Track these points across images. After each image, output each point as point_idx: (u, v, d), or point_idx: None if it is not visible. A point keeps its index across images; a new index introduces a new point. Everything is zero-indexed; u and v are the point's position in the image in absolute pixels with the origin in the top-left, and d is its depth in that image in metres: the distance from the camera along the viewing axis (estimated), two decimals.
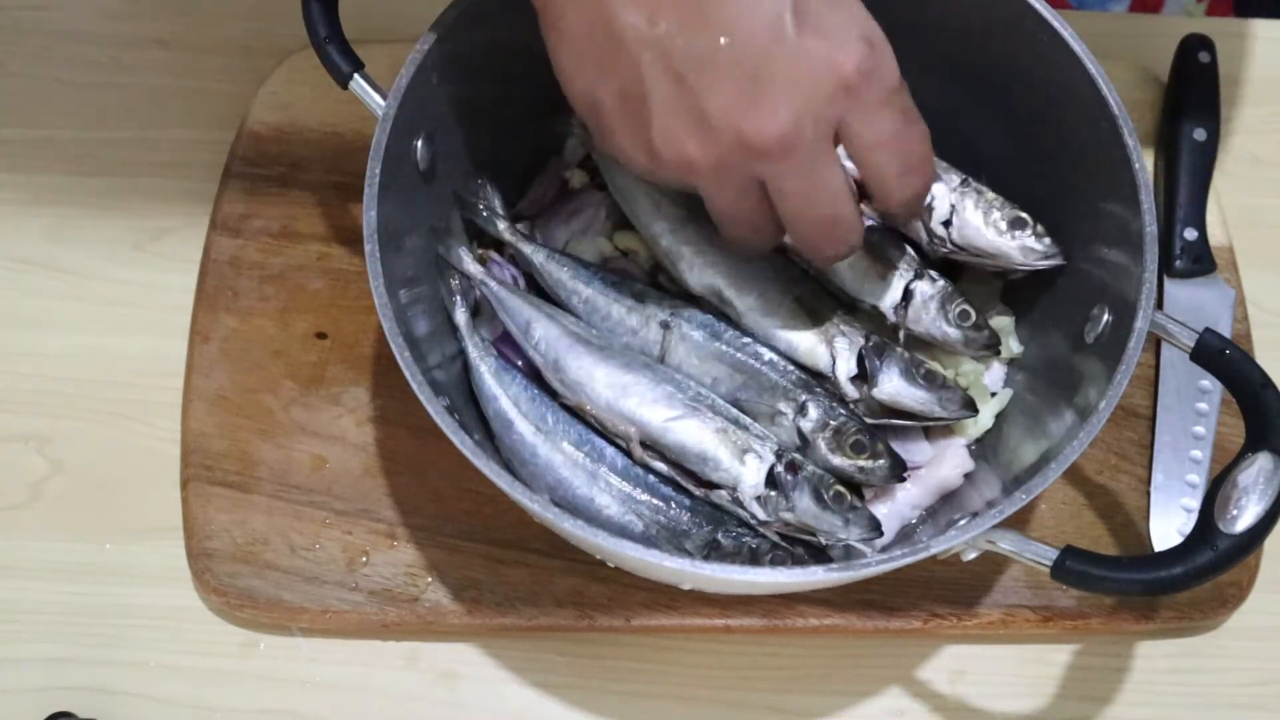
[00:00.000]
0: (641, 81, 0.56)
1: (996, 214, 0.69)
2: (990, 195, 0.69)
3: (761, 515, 0.64)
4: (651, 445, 0.65)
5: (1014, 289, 0.75)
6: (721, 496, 0.64)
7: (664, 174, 0.58)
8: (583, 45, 0.57)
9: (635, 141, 0.58)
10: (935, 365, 0.69)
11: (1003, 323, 0.73)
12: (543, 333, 0.69)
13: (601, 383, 0.66)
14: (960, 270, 0.73)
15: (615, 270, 0.72)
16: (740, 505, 0.64)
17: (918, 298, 0.69)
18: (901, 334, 0.69)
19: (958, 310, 0.69)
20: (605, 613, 0.69)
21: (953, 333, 0.69)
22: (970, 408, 0.68)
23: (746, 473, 0.64)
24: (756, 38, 0.54)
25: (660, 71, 0.55)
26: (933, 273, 0.70)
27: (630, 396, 0.66)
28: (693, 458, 0.65)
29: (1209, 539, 0.56)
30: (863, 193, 0.61)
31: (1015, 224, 0.68)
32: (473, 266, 0.70)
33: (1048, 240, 0.68)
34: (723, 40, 0.54)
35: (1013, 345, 0.73)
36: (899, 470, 0.66)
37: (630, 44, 0.55)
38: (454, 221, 0.72)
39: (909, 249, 0.70)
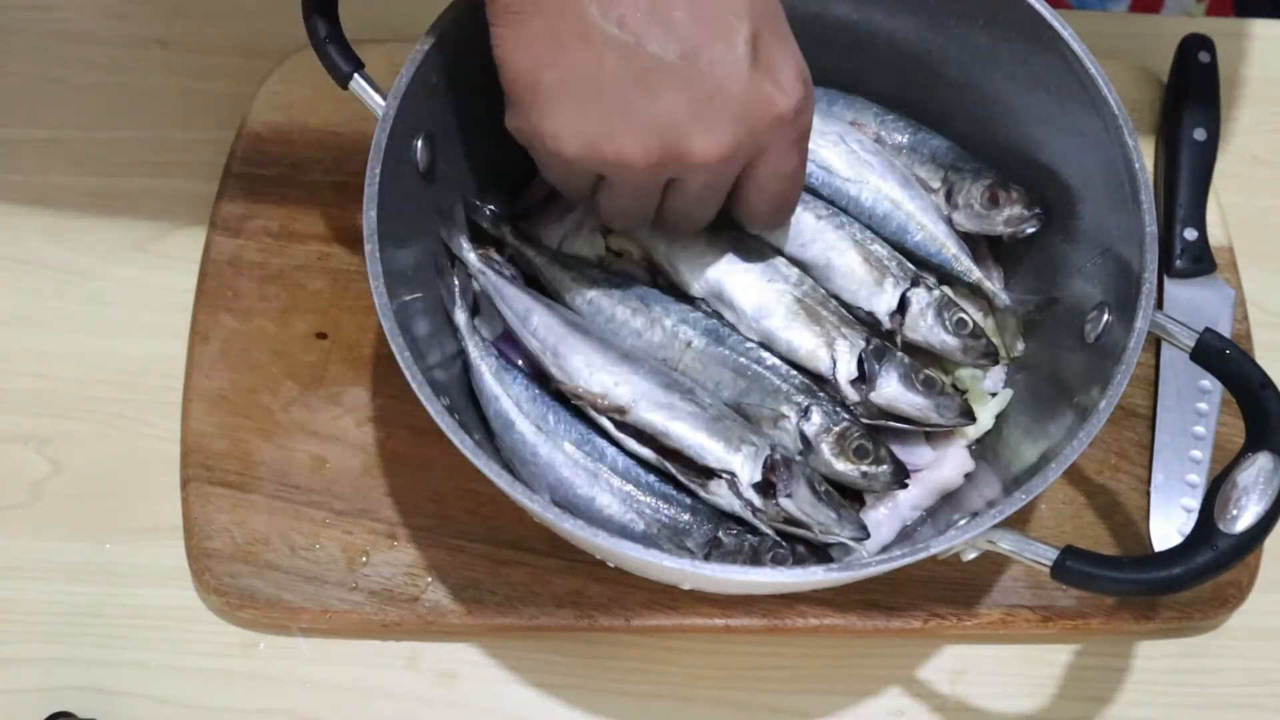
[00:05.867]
0: (599, 76, 0.57)
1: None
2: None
3: (758, 502, 0.64)
4: (649, 434, 0.65)
5: (1015, 288, 0.75)
6: (719, 488, 0.64)
7: (589, 164, 0.59)
8: (538, 28, 0.57)
9: (570, 129, 0.58)
10: (935, 372, 0.69)
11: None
12: (541, 320, 0.69)
13: (600, 369, 0.66)
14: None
15: (618, 272, 0.72)
16: (738, 493, 0.64)
17: (914, 305, 0.69)
18: (899, 340, 0.69)
19: (955, 318, 0.69)
20: (605, 613, 0.69)
21: (950, 341, 0.69)
22: (968, 415, 0.68)
23: (745, 460, 0.64)
24: (718, 61, 0.57)
25: (622, 71, 0.57)
26: (929, 280, 0.70)
27: (629, 383, 0.66)
28: (691, 445, 0.65)
29: (1209, 539, 0.56)
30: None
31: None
32: (472, 256, 0.70)
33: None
34: (686, 55, 0.57)
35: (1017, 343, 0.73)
36: (901, 476, 0.66)
37: (596, 40, 0.56)
38: (455, 215, 0.71)
39: (902, 257, 0.70)
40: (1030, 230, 0.71)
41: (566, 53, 0.57)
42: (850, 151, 0.71)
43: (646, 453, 0.66)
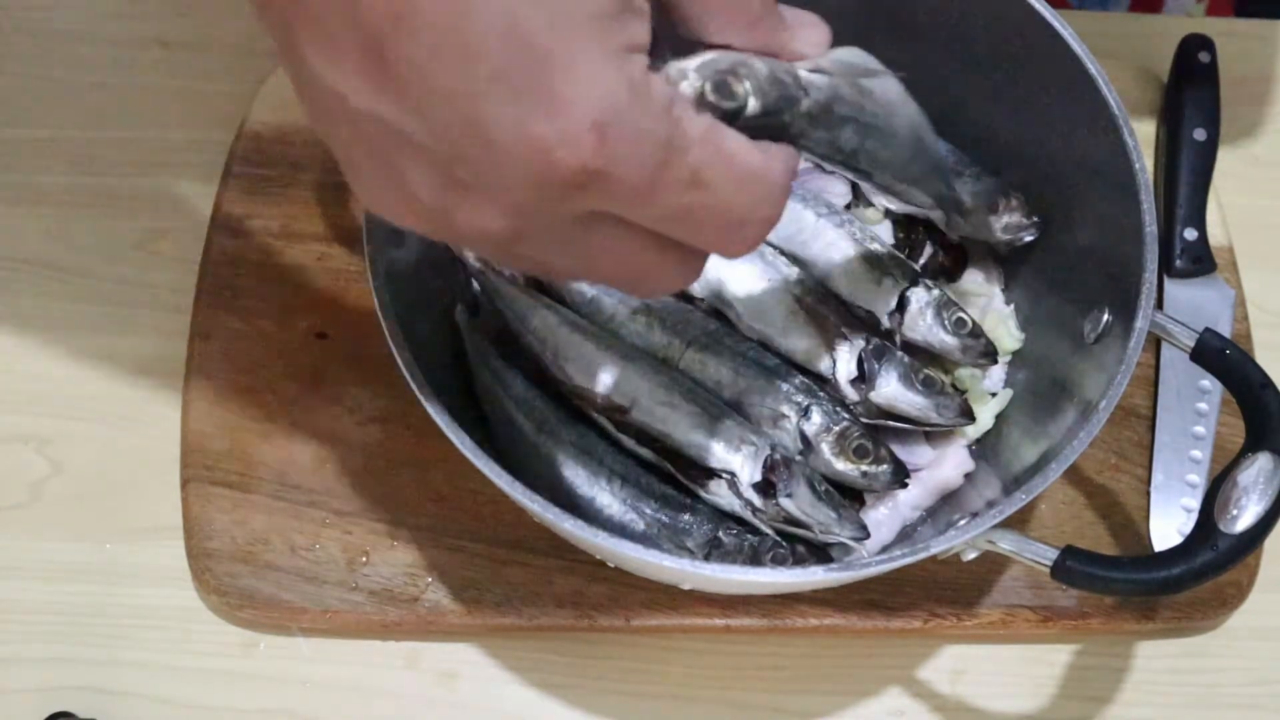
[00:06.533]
0: (344, 142, 0.43)
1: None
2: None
3: (758, 502, 0.64)
4: (649, 434, 0.65)
5: (1015, 288, 0.75)
6: (719, 488, 0.64)
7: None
8: (289, 76, 0.44)
9: (362, 195, 0.45)
10: (935, 371, 0.69)
11: (1003, 312, 0.73)
12: (541, 320, 0.69)
13: (600, 369, 0.66)
14: (966, 258, 0.74)
15: None
16: (737, 492, 0.64)
17: (913, 305, 0.69)
18: (898, 339, 0.69)
19: (954, 318, 0.69)
20: (605, 613, 0.69)
21: (950, 340, 0.69)
22: (968, 415, 0.68)
23: (745, 460, 0.64)
24: (446, 116, 0.40)
25: (355, 138, 0.43)
26: (928, 280, 0.70)
27: (629, 383, 0.66)
28: (691, 445, 0.65)
29: (1209, 539, 0.56)
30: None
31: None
32: (472, 256, 0.71)
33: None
34: (412, 114, 0.41)
35: (1015, 330, 0.73)
36: (902, 476, 0.66)
37: (319, 99, 0.42)
38: None
39: (903, 256, 0.70)
40: (1028, 239, 0.71)
41: (309, 108, 0.44)
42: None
43: (646, 453, 0.66)
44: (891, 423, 0.68)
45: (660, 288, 0.47)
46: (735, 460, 0.64)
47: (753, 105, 0.44)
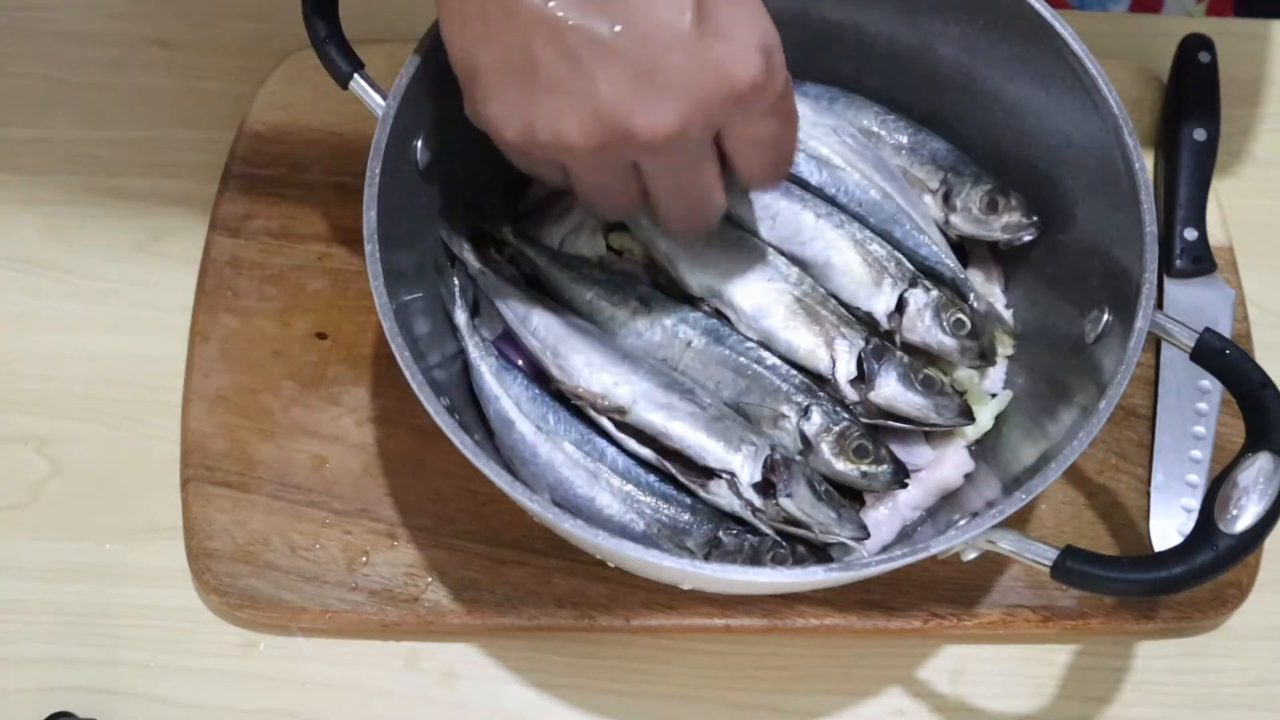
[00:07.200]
0: (530, 56, 0.54)
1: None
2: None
3: (758, 502, 0.64)
4: (649, 434, 0.65)
5: (1015, 288, 0.75)
6: (719, 487, 0.64)
7: (534, 151, 0.57)
8: (472, 6, 0.56)
9: (511, 113, 0.56)
10: (934, 371, 0.69)
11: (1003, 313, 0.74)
12: (541, 320, 0.69)
13: (600, 369, 0.67)
14: (965, 258, 0.74)
15: (618, 272, 0.72)
16: (738, 493, 0.64)
17: (912, 306, 0.69)
18: (898, 339, 0.69)
19: (953, 319, 0.69)
20: (605, 613, 0.69)
21: (948, 342, 0.69)
22: (967, 415, 0.68)
23: (745, 460, 0.64)
24: (656, 31, 0.54)
25: (552, 50, 0.54)
26: (927, 281, 0.70)
27: (629, 383, 0.66)
28: (691, 445, 0.65)
29: (1209, 539, 0.56)
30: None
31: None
32: (472, 256, 0.71)
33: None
34: (620, 28, 0.53)
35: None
36: (901, 476, 0.66)
37: (523, 18, 0.54)
38: (455, 215, 0.72)
39: (902, 257, 0.70)
40: (1027, 238, 0.71)
41: (497, 32, 0.55)
42: (842, 142, 0.71)
43: (646, 453, 0.66)
44: (891, 423, 0.68)
45: (712, 213, 0.63)
46: (735, 460, 0.64)
47: None
